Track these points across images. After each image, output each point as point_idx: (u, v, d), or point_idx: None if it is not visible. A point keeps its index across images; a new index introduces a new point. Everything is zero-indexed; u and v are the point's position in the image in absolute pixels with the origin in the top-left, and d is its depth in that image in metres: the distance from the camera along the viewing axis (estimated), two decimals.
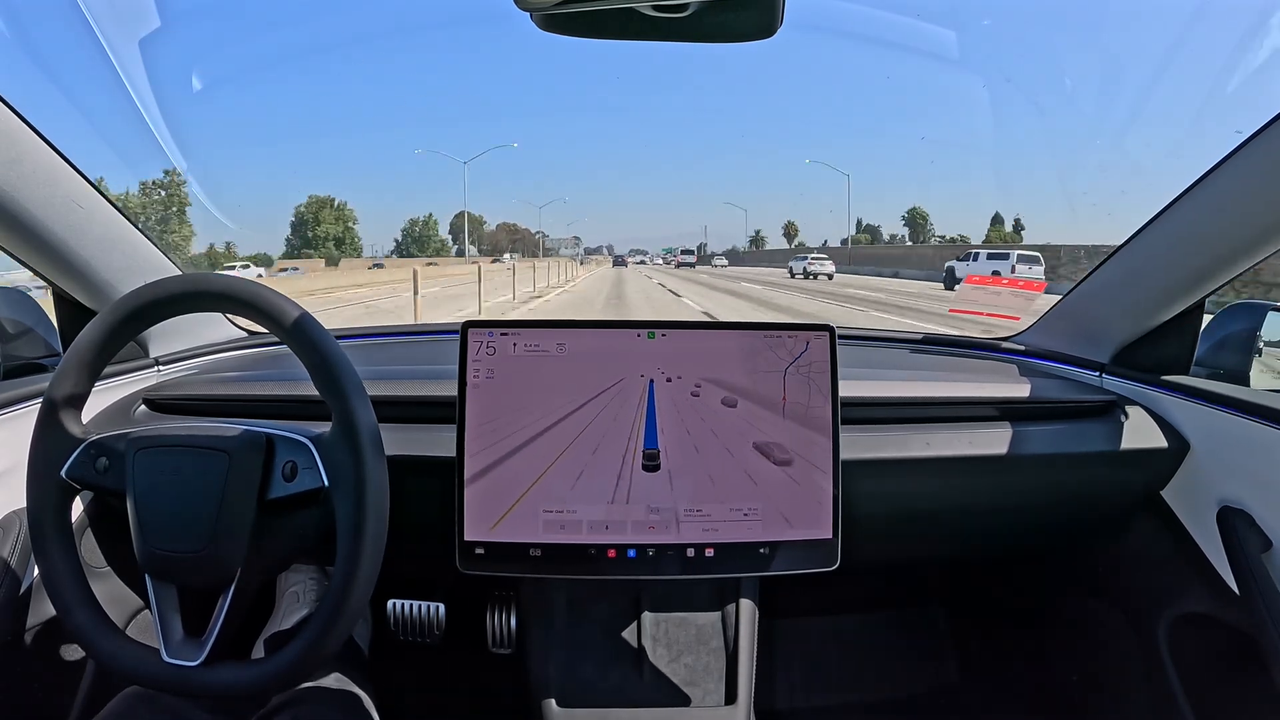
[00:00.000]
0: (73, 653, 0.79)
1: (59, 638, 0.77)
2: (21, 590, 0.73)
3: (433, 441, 0.76)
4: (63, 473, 0.62)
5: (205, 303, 0.65)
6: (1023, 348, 1.10)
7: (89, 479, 0.63)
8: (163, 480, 0.61)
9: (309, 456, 0.61)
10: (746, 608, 0.84)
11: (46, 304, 0.91)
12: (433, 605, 1.00)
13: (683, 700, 0.79)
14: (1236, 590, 0.77)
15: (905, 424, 0.85)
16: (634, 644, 0.82)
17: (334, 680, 0.79)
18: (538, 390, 0.72)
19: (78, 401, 0.65)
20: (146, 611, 0.86)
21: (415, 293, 8.02)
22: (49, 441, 0.63)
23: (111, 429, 0.65)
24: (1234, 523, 0.78)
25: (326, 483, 0.60)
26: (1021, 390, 0.92)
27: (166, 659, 0.59)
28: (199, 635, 0.60)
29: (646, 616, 0.83)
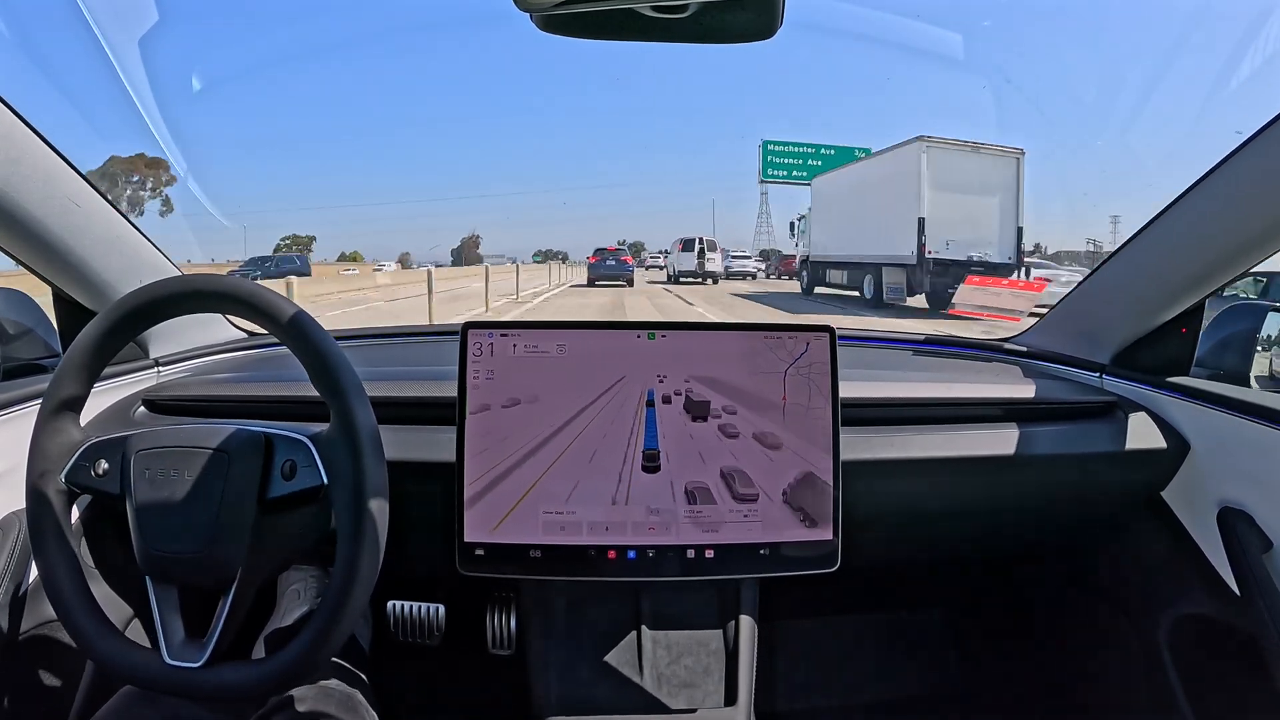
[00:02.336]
0: (72, 654, 0.79)
1: (58, 638, 0.77)
2: (21, 591, 0.73)
3: (433, 442, 0.76)
4: (61, 477, 0.62)
5: (205, 303, 0.65)
6: (1023, 349, 1.10)
7: (88, 483, 0.62)
8: (162, 482, 0.60)
9: (308, 454, 0.61)
10: (747, 609, 0.84)
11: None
12: (433, 606, 1.00)
13: (683, 702, 0.79)
14: (1237, 591, 0.77)
15: (905, 425, 0.85)
16: (634, 645, 0.82)
17: (334, 680, 0.78)
18: (538, 391, 0.72)
19: (76, 404, 0.64)
20: (139, 619, 0.86)
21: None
22: (48, 446, 0.62)
23: (111, 430, 0.65)
24: (1234, 523, 0.78)
25: (325, 480, 0.60)
26: (1022, 391, 0.92)
27: (168, 661, 0.59)
28: (200, 636, 0.60)
29: (646, 617, 0.83)
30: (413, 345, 1.22)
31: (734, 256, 23.07)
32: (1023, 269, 10.36)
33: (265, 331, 0.68)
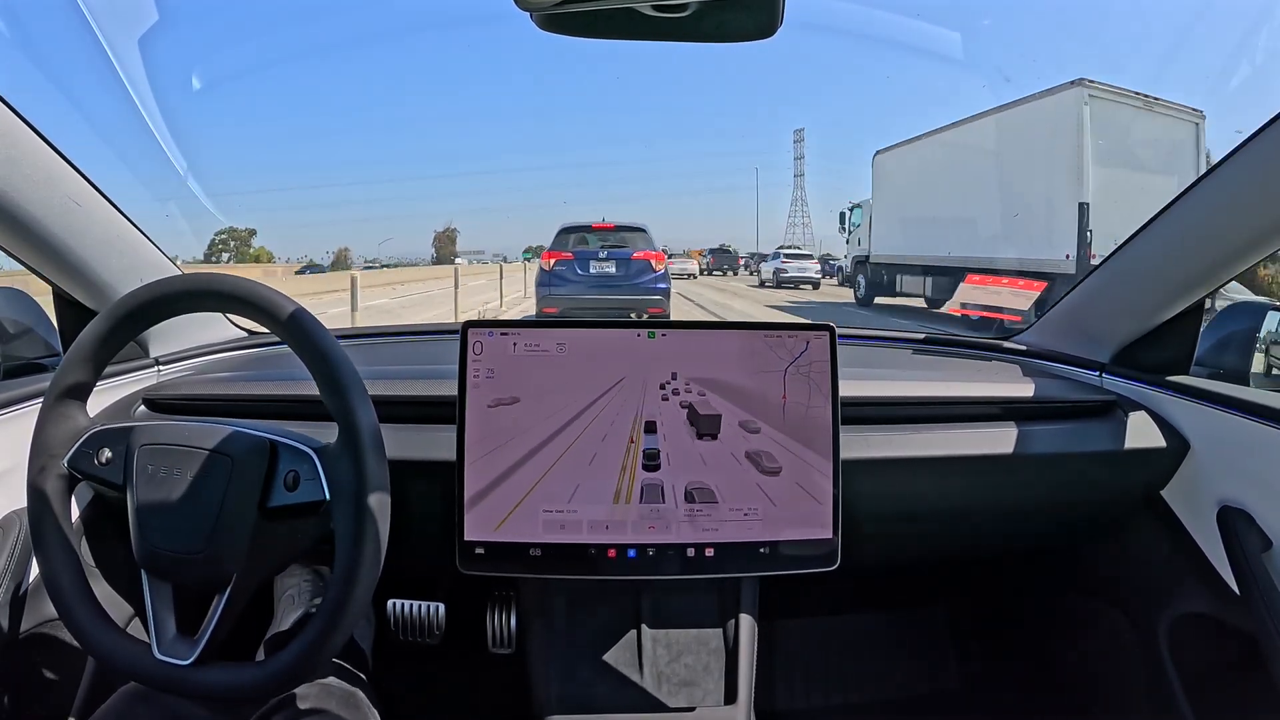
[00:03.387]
0: (72, 652, 0.79)
1: (58, 637, 0.77)
2: (22, 590, 0.73)
3: (433, 441, 0.76)
4: (65, 462, 0.62)
5: (206, 302, 0.65)
6: (1023, 348, 1.10)
7: (91, 471, 0.63)
8: (164, 479, 0.60)
9: (312, 468, 0.61)
10: (746, 607, 0.84)
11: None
12: (433, 605, 1.00)
13: (682, 700, 0.79)
14: (1236, 590, 0.77)
15: (905, 424, 0.85)
16: (634, 644, 0.82)
17: (334, 680, 0.79)
18: (538, 390, 0.72)
19: (82, 392, 0.65)
20: (139, 619, 0.86)
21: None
22: (52, 430, 0.63)
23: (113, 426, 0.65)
24: (1234, 522, 0.78)
25: (328, 497, 0.60)
26: (1022, 390, 0.92)
27: (158, 656, 0.59)
28: (192, 634, 0.60)
29: (646, 616, 0.83)
30: (413, 344, 1.22)
31: (787, 256, 16.46)
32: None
33: (266, 330, 0.68)
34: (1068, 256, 6.57)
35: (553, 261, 6.55)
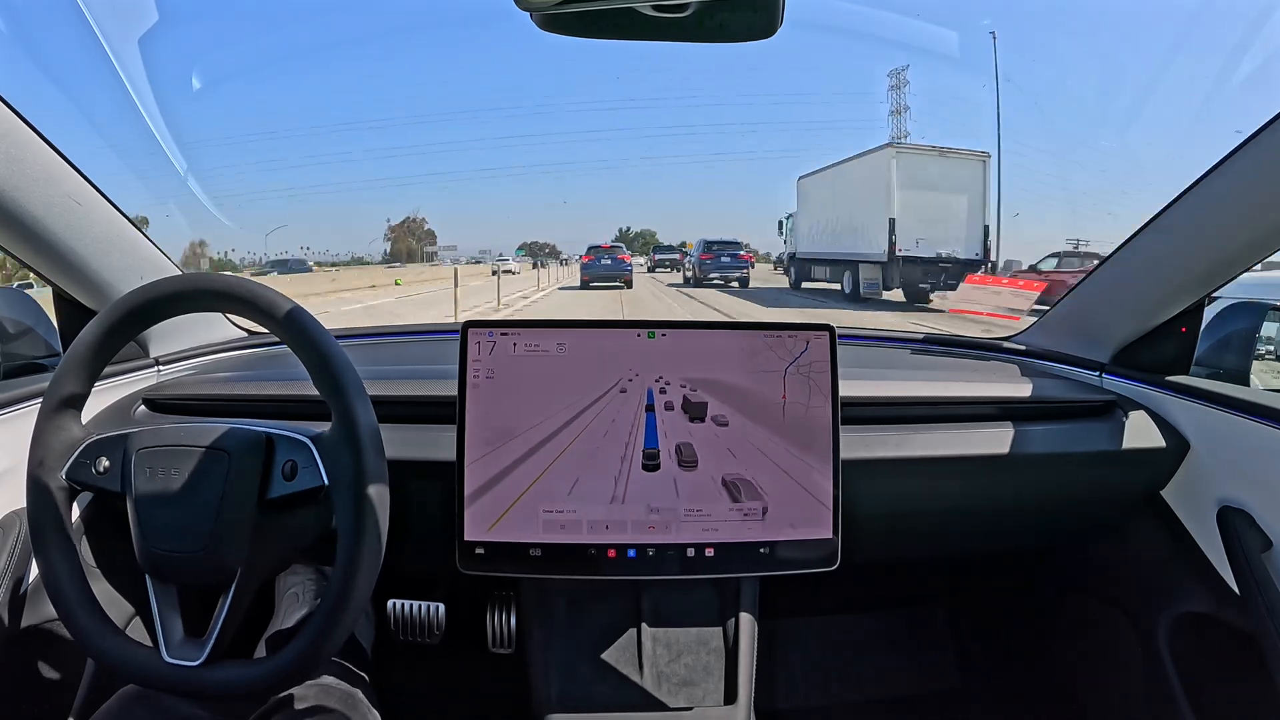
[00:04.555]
0: (72, 652, 0.79)
1: (58, 637, 0.77)
2: (22, 589, 0.73)
3: (433, 441, 0.76)
4: (63, 474, 0.62)
5: (205, 302, 0.65)
6: (1023, 348, 1.10)
7: (89, 480, 0.63)
8: (163, 481, 0.60)
9: (309, 455, 0.61)
10: (746, 607, 0.84)
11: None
12: (433, 605, 1.00)
13: (682, 700, 0.79)
14: (1236, 590, 0.77)
15: (905, 424, 0.85)
16: (634, 644, 0.82)
17: (334, 680, 0.79)
18: (538, 390, 0.72)
19: (77, 402, 0.64)
20: (140, 617, 0.86)
21: None
22: (49, 443, 0.63)
23: (111, 429, 0.65)
24: (1234, 522, 0.78)
25: (326, 481, 0.60)
26: (1022, 390, 0.92)
27: (168, 659, 0.59)
28: (199, 636, 0.60)
29: (646, 616, 0.83)
30: (413, 344, 1.22)
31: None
32: (988, 265, 10.96)
33: (266, 330, 0.68)
34: (883, 250, 10.59)
35: (586, 260, 15.03)
